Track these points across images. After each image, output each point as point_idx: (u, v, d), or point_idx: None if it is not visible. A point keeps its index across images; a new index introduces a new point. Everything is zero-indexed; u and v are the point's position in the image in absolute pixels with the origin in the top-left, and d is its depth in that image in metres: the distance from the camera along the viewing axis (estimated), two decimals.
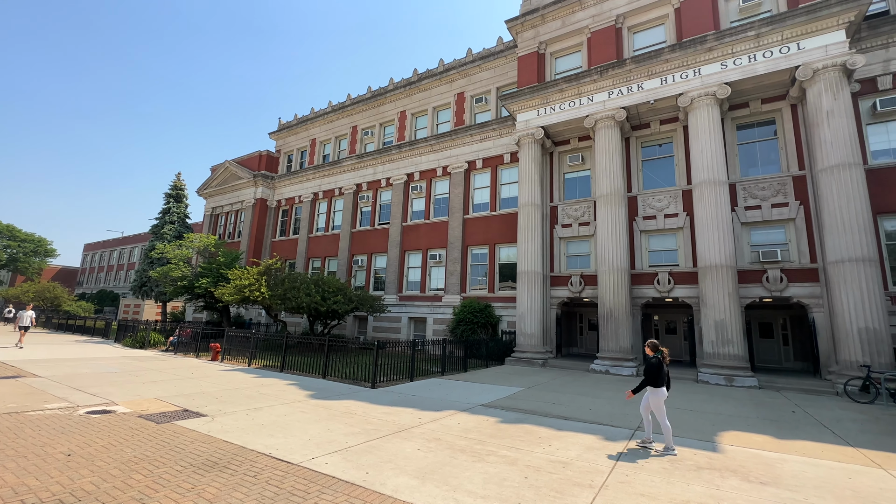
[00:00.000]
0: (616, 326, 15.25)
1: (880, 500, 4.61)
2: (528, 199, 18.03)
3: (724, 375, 12.90)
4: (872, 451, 6.44)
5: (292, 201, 31.18)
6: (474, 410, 8.47)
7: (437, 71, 24.84)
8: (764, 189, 14.85)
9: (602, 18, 18.07)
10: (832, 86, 13.03)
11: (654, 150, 17.56)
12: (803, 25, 13.47)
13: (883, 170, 13.59)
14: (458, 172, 22.70)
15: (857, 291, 11.92)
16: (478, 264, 21.41)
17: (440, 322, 21.34)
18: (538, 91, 18.22)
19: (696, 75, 15.19)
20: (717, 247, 13.94)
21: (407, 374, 12.36)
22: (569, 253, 18.40)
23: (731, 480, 5.02)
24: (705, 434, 7.11)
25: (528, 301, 17.19)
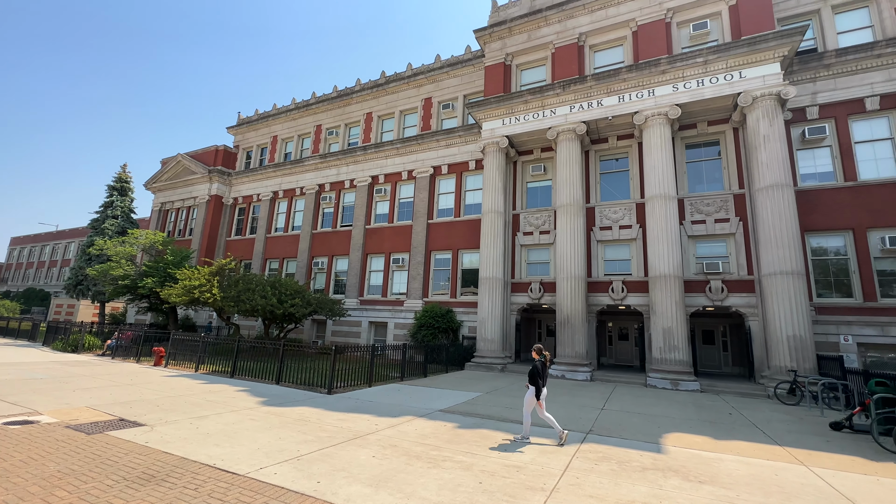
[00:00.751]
0: (572, 332, 15.74)
1: (801, 494, 5.01)
2: (491, 206, 18.32)
3: (671, 380, 13.62)
4: (796, 449, 7.00)
5: (250, 199, 29.97)
6: (432, 416, 8.44)
7: (405, 75, 24.83)
8: (708, 205, 15.91)
9: (566, 35, 18.78)
10: (769, 113, 14.21)
11: (611, 163, 18.38)
12: (745, 56, 14.63)
13: (810, 191, 14.94)
14: (423, 177, 22.71)
15: (787, 302, 12.99)
16: (441, 269, 21.45)
17: (401, 327, 21.16)
18: (504, 101, 18.62)
19: (651, 95, 16.09)
20: (667, 258, 14.75)
21: (365, 379, 12.14)
22: (529, 260, 18.84)
23: (673, 480, 5.29)
24: (651, 436, 7.46)
25: (489, 306, 17.41)
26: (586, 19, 18.49)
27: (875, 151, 14.70)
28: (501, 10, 20.68)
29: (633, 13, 17.55)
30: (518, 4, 20.27)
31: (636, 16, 17.48)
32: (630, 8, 17.67)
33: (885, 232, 13.85)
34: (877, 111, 14.74)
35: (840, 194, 14.61)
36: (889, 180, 14.13)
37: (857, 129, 15.03)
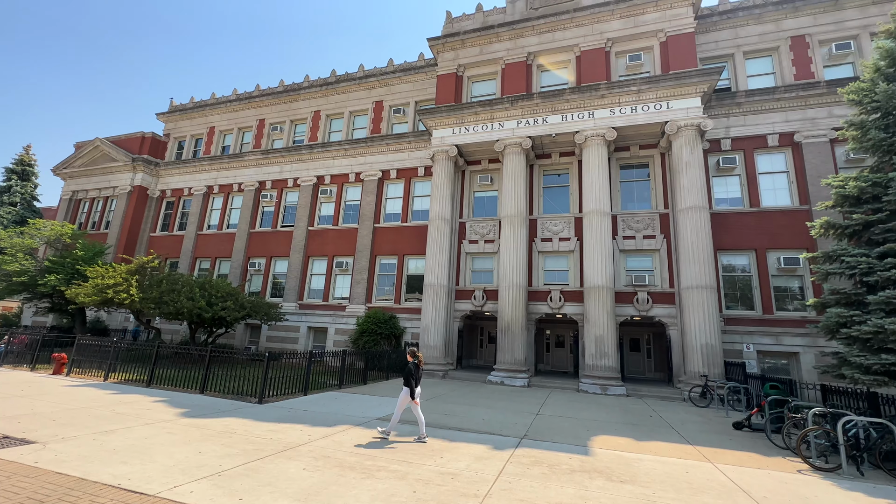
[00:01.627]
0: (512, 340, 16.19)
1: (707, 489, 5.50)
2: (439, 213, 18.45)
3: (600, 385, 14.44)
4: (705, 447, 7.69)
5: (180, 193, 27.72)
6: (370, 424, 8.24)
7: (357, 75, 24.44)
8: (638, 222, 17.20)
9: (516, 53, 19.54)
10: (690, 142, 15.71)
11: (553, 178, 19.30)
12: (672, 89, 16.10)
13: (722, 214, 16.66)
14: (371, 180, 22.37)
15: (701, 313, 14.33)
16: (386, 274, 21.17)
17: (342, 332, 20.55)
18: (455, 111, 18.93)
19: (591, 117, 17.15)
20: (601, 270, 15.70)
21: (301, 387, 11.60)
22: (474, 268, 19.17)
23: (598, 481, 5.58)
24: (581, 439, 7.83)
25: (432, 313, 17.43)
26: (535, 40, 19.38)
27: (774, 182, 16.76)
28: (455, 21, 21.09)
29: (578, 39, 18.69)
30: (472, 18, 20.79)
31: (580, 42, 18.62)
32: (575, 34, 18.80)
33: (780, 253, 15.78)
34: (776, 147, 16.84)
35: (746, 218, 16.45)
36: (785, 208, 16.14)
37: (761, 162, 17.05)
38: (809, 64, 17.08)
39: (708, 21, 18.44)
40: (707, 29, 18.50)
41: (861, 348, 8.26)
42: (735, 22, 18.25)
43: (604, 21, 18.44)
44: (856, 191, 9.11)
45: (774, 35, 17.75)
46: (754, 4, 18.04)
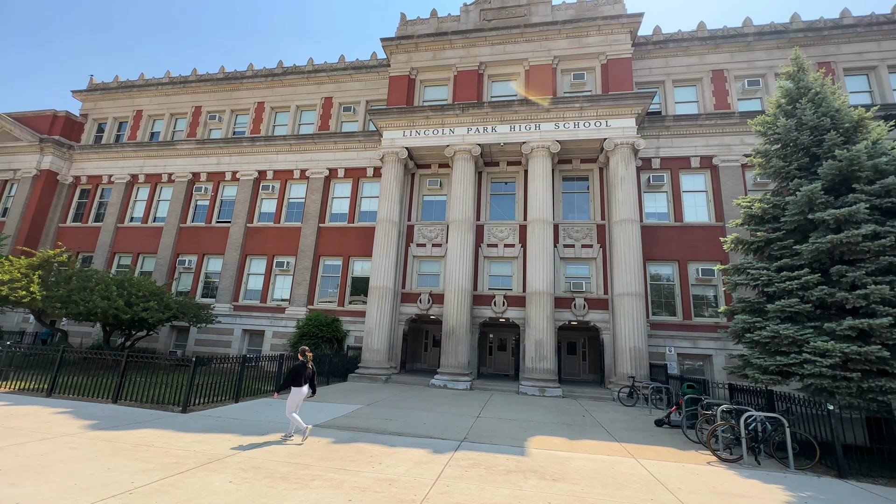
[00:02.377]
0: (456, 343, 16.36)
1: (630, 483, 5.89)
2: (387, 215, 18.25)
3: (539, 387, 15.00)
4: (630, 444, 8.24)
5: (98, 181, 25.04)
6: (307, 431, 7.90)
7: (306, 69, 23.59)
8: (578, 232, 18.15)
9: (468, 61, 19.92)
10: (625, 158, 16.89)
11: (500, 186, 19.84)
12: (610, 108, 17.23)
13: (651, 227, 18.05)
14: (317, 178, 21.64)
15: (631, 319, 15.39)
16: (329, 276, 20.54)
17: (281, 336, 19.60)
18: (406, 113, 18.88)
19: (537, 129, 17.88)
20: (542, 276, 16.35)
21: (232, 394, 10.89)
22: (421, 271, 19.16)
23: (532, 480, 5.78)
24: (518, 440, 8.07)
25: (377, 316, 17.16)
26: (487, 50, 19.89)
27: (696, 200, 18.46)
28: (409, 24, 21.08)
29: (527, 54, 19.44)
30: (426, 23, 20.91)
31: (529, 57, 19.38)
32: (524, 49, 19.54)
33: (699, 264, 17.38)
34: (698, 168, 18.57)
35: (671, 232, 17.95)
36: (704, 224, 17.81)
37: (685, 181, 18.72)
38: (727, 96, 19.07)
39: (643, 49, 20.00)
40: (643, 56, 20.05)
41: (761, 351, 9.31)
42: (666, 52, 19.96)
43: (552, 39, 19.35)
44: (760, 211, 10.30)
45: (699, 67, 19.63)
46: (682, 38, 19.85)
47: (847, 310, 8.51)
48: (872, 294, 7.85)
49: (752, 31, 19.30)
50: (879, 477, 6.91)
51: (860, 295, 8.00)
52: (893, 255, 8.06)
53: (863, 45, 18.47)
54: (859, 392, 7.82)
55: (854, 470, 7.08)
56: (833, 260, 8.89)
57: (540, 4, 19.80)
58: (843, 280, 8.41)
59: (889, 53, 18.23)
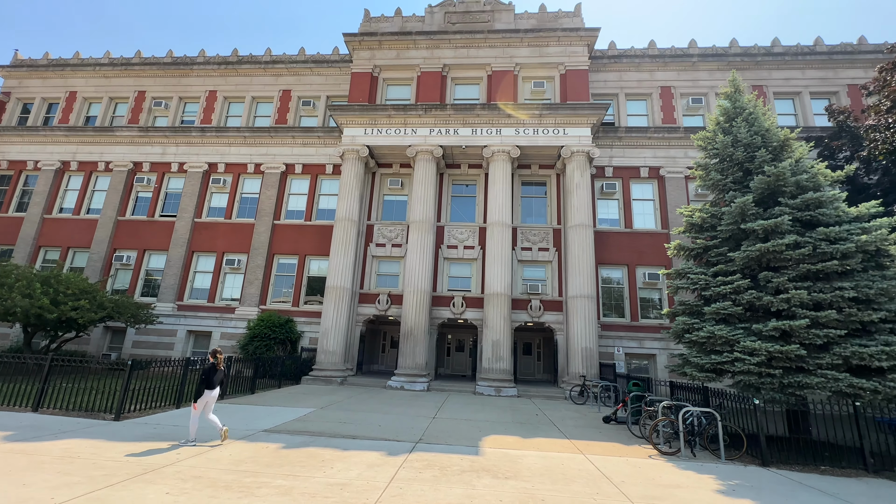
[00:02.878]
0: (414, 344, 16.30)
1: (578, 478, 6.12)
2: (346, 213, 17.88)
3: (495, 387, 15.25)
4: (579, 441, 8.57)
5: (22, 166, 22.70)
6: (254, 437, 7.58)
7: (263, 59, 22.65)
8: (535, 235, 18.65)
9: (432, 62, 19.96)
10: (581, 166, 17.58)
11: (462, 188, 20.02)
12: (568, 117, 17.88)
13: (603, 233, 18.88)
14: (273, 173, 20.82)
15: (583, 320, 16.02)
16: (284, 275, 19.81)
17: (230, 337, 18.65)
18: (368, 111, 18.61)
19: (498, 134, 18.22)
20: (500, 278, 16.66)
21: (173, 399, 10.23)
22: (380, 272, 18.94)
23: (485, 479, 5.86)
24: (473, 440, 8.16)
25: (334, 317, 16.76)
26: (451, 53, 20.03)
27: (644, 208, 19.53)
28: (373, 21, 20.82)
29: (490, 59, 19.78)
30: (390, 21, 20.73)
31: (492, 62, 19.73)
32: (487, 54, 19.87)
33: (646, 269, 18.38)
34: (647, 178, 19.66)
35: (622, 238, 18.87)
36: (651, 231, 18.87)
37: (635, 190, 19.76)
38: (673, 111, 20.35)
39: (599, 62, 20.92)
40: (598, 69, 20.97)
41: (698, 350, 9.99)
42: (620, 67, 21.00)
43: (514, 47, 19.81)
44: (699, 220, 11.07)
45: (649, 83, 20.81)
46: (635, 55, 20.97)
47: (772, 312, 9.32)
48: (793, 298, 8.66)
49: (696, 52, 20.73)
50: (796, 464, 7.62)
51: (783, 299, 8.80)
52: (811, 263, 8.92)
53: (790, 72, 20.36)
54: (781, 387, 8.59)
55: (775, 458, 7.76)
56: (761, 266, 9.71)
57: (503, 12, 20.22)
58: (769, 285, 9.21)
59: (812, 81, 20.21)
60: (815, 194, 9.22)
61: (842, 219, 9.20)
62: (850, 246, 8.50)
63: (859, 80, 19.47)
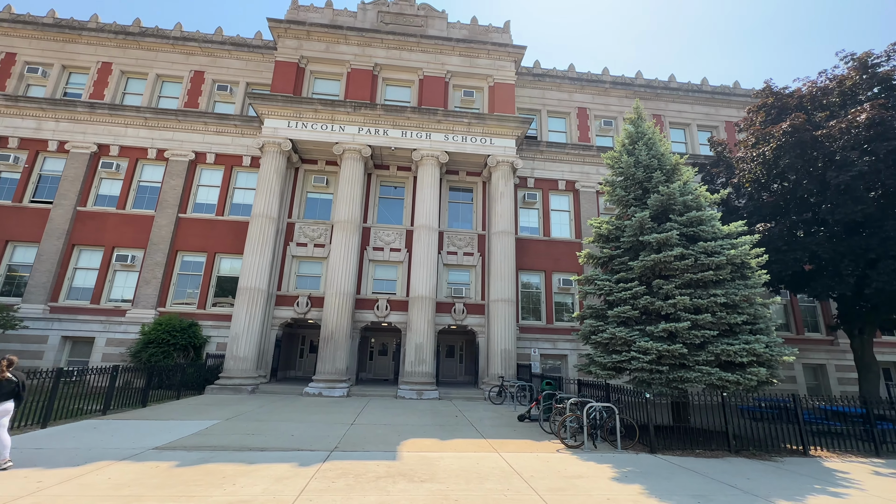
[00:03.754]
0: (335, 348, 15.71)
1: (491, 476, 6.33)
2: (264, 209, 16.72)
3: (417, 390, 15.25)
4: (495, 440, 8.88)
5: None
6: (142, 457, 6.72)
7: (172, 34, 20.41)
8: (461, 240, 19.08)
9: (363, 60, 19.56)
10: (505, 175, 18.38)
11: (390, 190, 19.83)
12: (494, 128, 18.62)
13: (524, 240, 19.91)
14: (179, 161, 18.80)
15: (503, 323, 16.71)
16: (189, 274, 17.94)
17: (119, 343, 16.39)
18: (293, 103, 17.66)
19: (428, 138, 18.37)
20: (426, 281, 16.75)
21: (38, 417, 8.69)
22: (300, 273, 18.00)
23: (401, 484, 5.80)
24: (391, 445, 8.05)
25: (246, 320, 15.54)
26: (383, 53, 19.81)
27: (561, 218, 20.97)
28: (302, 10, 19.87)
29: (422, 64, 19.91)
30: (320, 12, 19.95)
31: (423, 67, 19.88)
32: (420, 58, 19.98)
33: (561, 275, 19.73)
34: (564, 191, 21.15)
35: (540, 245, 20.06)
36: (566, 239, 20.31)
37: (553, 201, 21.15)
38: (588, 131, 22.18)
39: (525, 78, 22.12)
40: (524, 85, 22.16)
41: (602, 351, 10.95)
42: (544, 85, 22.40)
43: (446, 54, 20.17)
44: (606, 232, 12.17)
45: (568, 103, 22.47)
46: (556, 75, 22.52)
47: (662, 315, 10.52)
48: (679, 303, 9.87)
49: (608, 79, 22.85)
50: (677, 449, 8.65)
51: (671, 304, 9.98)
52: (693, 272, 10.24)
53: (683, 105, 23.31)
54: (667, 382, 9.71)
55: (661, 445, 8.74)
56: (655, 275, 10.92)
57: (436, 19, 20.51)
58: (661, 291, 10.39)
59: (699, 115, 23.33)
60: (697, 213, 10.62)
61: (717, 235, 10.71)
62: (722, 259, 9.91)
63: (734, 117, 22.94)
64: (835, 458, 8.68)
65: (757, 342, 9.32)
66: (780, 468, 7.59)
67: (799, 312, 21.06)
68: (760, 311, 10.06)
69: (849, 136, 12.63)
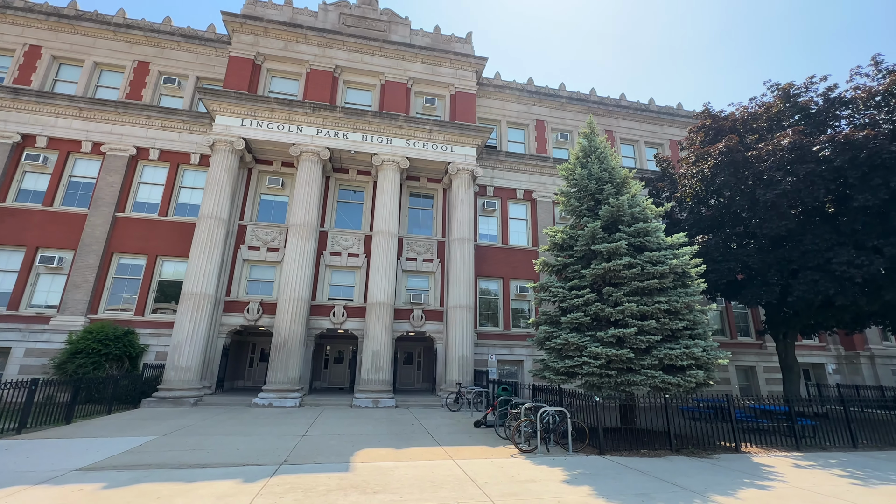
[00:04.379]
0: (287, 357, 15.10)
1: (446, 483, 6.30)
2: (213, 210, 15.86)
3: (373, 399, 14.96)
4: (450, 447, 8.86)
5: None
6: (62, 479, 6.09)
7: (113, 21, 19.04)
8: (420, 246, 19.04)
9: (323, 61, 19.19)
10: (465, 183, 18.60)
11: (349, 194, 19.47)
12: (456, 136, 18.82)
13: (483, 247, 20.20)
14: (118, 156, 17.48)
15: (462, 329, 16.80)
16: (127, 278, 16.64)
17: (41, 354, 14.85)
18: (248, 101, 16.96)
19: (389, 143, 18.25)
20: (384, 287, 16.53)
21: None
22: (251, 277, 17.21)
23: (353, 496, 5.64)
24: (344, 456, 7.81)
25: (190, 328, 14.60)
26: (344, 55, 19.53)
27: (519, 227, 21.45)
28: (260, 6, 19.23)
29: (384, 69, 19.83)
30: (279, 9, 19.39)
31: (386, 72, 19.80)
32: (382, 63, 19.89)
33: (519, 282, 20.16)
34: (522, 200, 21.70)
35: (499, 252, 20.43)
36: (523, 247, 20.81)
37: (512, 209, 21.63)
38: (545, 142, 22.96)
39: (486, 89, 22.59)
40: (485, 95, 22.63)
41: (556, 356, 11.28)
42: (504, 97, 22.98)
43: (409, 60, 20.21)
44: (561, 240, 12.61)
45: (527, 115, 23.17)
46: (516, 88, 23.19)
47: (612, 321, 11.00)
48: (627, 310, 10.37)
49: (565, 94, 23.82)
50: (625, 450, 9.03)
51: (619, 310, 10.47)
52: (639, 280, 10.81)
53: (632, 123, 24.71)
54: (616, 385, 10.14)
55: (610, 447, 9.09)
56: (605, 282, 11.43)
57: (400, 25, 20.53)
58: (610, 298, 10.88)
59: (646, 133, 24.82)
60: (644, 224, 11.25)
61: (661, 245, 11.39)
62: (665, 268, 10.54)
63: (677, 136, 24.61)
64: (762, 453, 9.41)
65: (696, 346, 9.97)
66: (716, 465, 8.11)
67: (733, 318, 22.78)
68: (699, 317, 10.77)
69: (774, 158, 13.91)
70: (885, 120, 13.42)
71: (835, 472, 7.84)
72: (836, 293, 13.26)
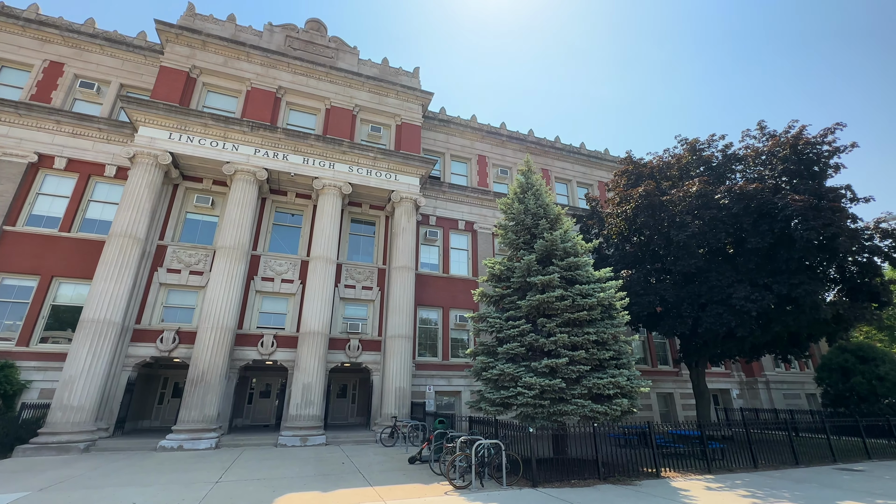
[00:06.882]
0: (205, 391, 13.68)
1: None
2: (127, 228, 14.37)
3: (301, 436, 13.91)
4: (382, 486, 8.40)
5: None
6: None
7: (24, 15, 17.24)
8: (360, 273, 18.59)
9: (266, 81, 18.70)
10: (408, 212, 18.68)
11: (286, 217, 18.68)
12: (400, 165, 19.00)
13: (424, 276, 20.17)
14: (14, 162, 15.42)
15: (399, 359, 16.39)
16: (10, 301, 14.35)
17: None
18: (178, 113, 15.94)
19: (331, 168, 17.96)
20: (319, 316, 15.78)
21: None
22: (168, 303, 15.64)
23: None
24: None
25: (87, 360, 12.78)
26: (288, 77, 19.21)
27: (460, 256, 21.81)
28: (199, 19, 18.48)
29: (330, 94, 19.74)
30: (221, 25, 18.76)
31: (332, 97, 19.71)
32: (328, 88, 19.81)
33: (458, 311, 20.25)
34: (463, 230, 22.16)
35: (440, 281, 20.50)
36: (464, 277, 21.08)
37: (454, 239, 21.98)
38: (487, 177, 23.90)
39: (432, 122, 23.26)
40: (430, 128, 23.27)
41: (492, 387, 11.34)
42: (448, 131, 23.78)
43: (355, 88, 20.33)
44: (499, 272, 12.97)
45: (469, 150, 24.09)
46: (460, 123, 24.13)
47: (545, 352, 11.34)
48: (559, 340, 10.77)
49: (505, 133, 25.19)
50: (556, 481, 9.14)
51: (552, 341, 10.85)
52: (571, 312, 11.34)
53: (565, 163, 26.60)
54: (549, 415, 10.35)
55: (542, 478, 9.15)
56: (539, 314, 11.84)
57: (347, 53, 20.72)
58: (544, 329, 11.26)
59: (578, 173, 26.80)
60: (575, 259, 11.94)
61: (590, 279, 12.10)
62: (594, 300, 11.18)
63: (605, 178, 26.84)
64: (679, 477, 10.00)
65: (621, 375, 10.54)
66: (639, 491, 8.45)
67: (654, 348, 24.55)
68: (624, 347, 11.46)
69: (685, 203, 15.62)
70: (769, 175, 15.72)
71: (740, 492, 8.50)
72: (736, 325, 14.83)
